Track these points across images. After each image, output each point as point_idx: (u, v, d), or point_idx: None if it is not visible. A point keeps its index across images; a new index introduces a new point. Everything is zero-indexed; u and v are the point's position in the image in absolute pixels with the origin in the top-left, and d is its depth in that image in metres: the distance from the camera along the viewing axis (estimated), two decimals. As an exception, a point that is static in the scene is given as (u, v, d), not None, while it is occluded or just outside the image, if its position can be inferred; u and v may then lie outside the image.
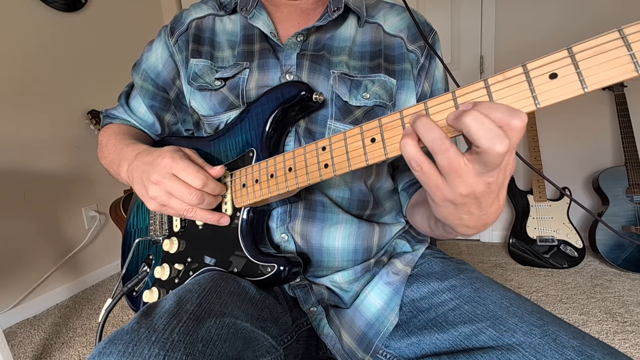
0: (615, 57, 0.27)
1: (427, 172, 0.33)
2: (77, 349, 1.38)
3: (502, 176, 0.32)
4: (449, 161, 0.31)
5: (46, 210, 1.74)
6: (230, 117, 0.57)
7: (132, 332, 0.33)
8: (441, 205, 0.36)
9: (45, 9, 1.75)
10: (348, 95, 0.54)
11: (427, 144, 0.31)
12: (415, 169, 0.33)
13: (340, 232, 0.54)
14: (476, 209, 0.35)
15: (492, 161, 0.29)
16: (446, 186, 0.33)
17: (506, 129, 0.28)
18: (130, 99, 0.69)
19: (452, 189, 0.33)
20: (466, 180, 0.31)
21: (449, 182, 0.32)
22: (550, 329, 0.40)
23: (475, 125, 0.28)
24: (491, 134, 0.28)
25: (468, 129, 0.28)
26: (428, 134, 0.31)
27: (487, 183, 0.32)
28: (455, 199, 0.33)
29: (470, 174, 0.31)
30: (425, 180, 0.34)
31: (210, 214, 0.49)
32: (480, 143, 0.28)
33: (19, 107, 1.64)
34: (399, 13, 0.61)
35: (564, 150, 2.03)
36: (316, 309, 0.55)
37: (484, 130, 0.28)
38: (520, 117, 0.28)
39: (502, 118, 0.28)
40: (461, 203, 0.34)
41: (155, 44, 0.66)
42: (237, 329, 0.38)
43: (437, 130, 0.31)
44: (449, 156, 0.30)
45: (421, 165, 0.32)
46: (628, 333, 1.27)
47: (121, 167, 0.57)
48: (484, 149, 0.28)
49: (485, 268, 1.87)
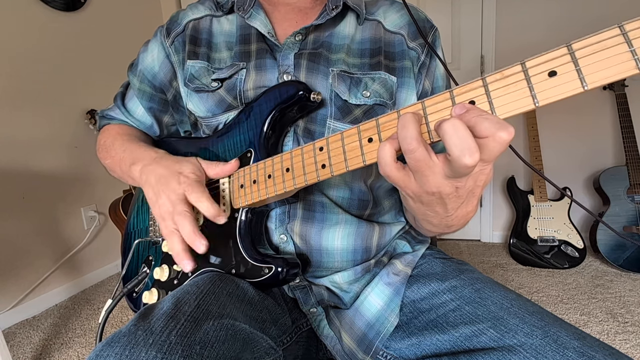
0: (615, 53, 0.26)
1: (394, 179, 0.35)
2: (76, 349, 1.37)
3: (471, 183, 0.34)
4: (416, 161, 0.32)
5: (45, 210, 1.74)
6: (228, 118, 0.57)
7: (129, 335, 0.32)
8: (408, 198, 0.38)
9: (44, 8, 1.75)
10: (347, 94, 0.54)
11: (399, 140, 0.32)
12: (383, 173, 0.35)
13: (339, 232, 0.54)
14: (441, 209, 0.37)
15: (460, 171, 0.30)
16: (414, 183, 0.34)
17: (491, 140, 0.28)
18: (127, 100, 0.68)
19: (419, 186, 0.34)
20: (433, 180, 0.33)
21: (417, 180, 0.34)
22: (551, 330, 0.40)
23: (450, 133, 0.29)
24: (463, 145, 0.28)
25: (444, 136, 0.29)
26: (401, 131, 0.32)
27: (455, 187, 0.33)
28: (421, 195, 0.35)
29: (438, 175, 0.32)
30: (394, 183, 0.36)
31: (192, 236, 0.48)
32: (451, 151, 0.29)
33: (18, 107, 1.64)
34: (399, 9, 0.60)
35: (564, 150, 2.03)
36: (316, 310, 0.55)
37: (457, 139, 0.28)
38: (508, 130, 0.28)
39: (489, 128, 0.28)
40: (427, 201, 0.36)
41: (151, 44, 0.65)
42: (235, 331, 0.38)
43: (411, 130, 0.31)
44: (415, 157, 0.31)
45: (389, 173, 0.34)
46: (629, 334, 1.27)
47: (133, 167, 0.56)
48: (453, 158, 0.29)
49: (486, 268, 1.87)
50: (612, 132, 1.93)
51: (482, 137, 0.29)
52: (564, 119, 2.00)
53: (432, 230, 0.49)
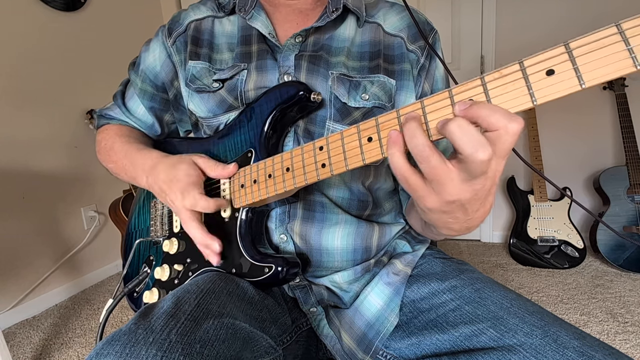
0: (613, 52, 0.26)
1: (412, 184, 0.33)
2: (76, 349, 1.37)
3: (489, 183, 0.33)
4: (432, 169, 0.31)
5: (45, 210, 1.74)
6: (229, 118, 0.57)
7: (129, 333, 0.33)
8: (428, 212, 0.37)
9: (44, 8, 1.75)
10: (347, 97, 0.54)
11: (411, 151, 0.31)
12: (401, 181, 0.34)
13: (339, 232, 0.54)
14: (462, 214, 0.36)
15: (476, 169, 0.29)
16: (432, 194, 0.33)
17: (503, 132, 0.28)
18: (127, 99, 0.68)
19: (438, 196, 0.33)
20: (452, 187, 0.32)
21: (435, 189, 0.33)
22: (551, 330, 0.40)
23: (459, 132, 0.28)
24: (474, 141, 0.28)
25: (451, 136, 0.29)
26: (411, 140, 0.31)
27: (474, 190, 0.32)
28: (441, 206, 0.34)
29: (455, 181, 0.31)
30: (411, 191, 0.34)
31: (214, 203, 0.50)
32: (463, 150, 0.29)
33: (18, 107, 1.64)
34: (399, 12, 0.60)
35: (564, 150, 2.03)
36: (316, 310, 0.55)
37: (467, 137, 0.28)
38: (518, 121, 0.28)
39: (499, 120, 0.28)
40: (448, 210, 0.35)
41: (153, 44, 0.65)
42: (235, 330, 0.38)
43: (421, 137, 0.31)
44: (432, 165, 0.31)
45: (407, 178, 0.33)
46: (629, 334, 1.27)
47: (139, 176, 0.58)
48: (466, 156, 0.29)
49: (486, 268, 1.87)
50: (612, 132, 1.93)
51: (493, 130, 0.29)
52: (564, 119, 2.00)
53: (450, 234, 0.46)
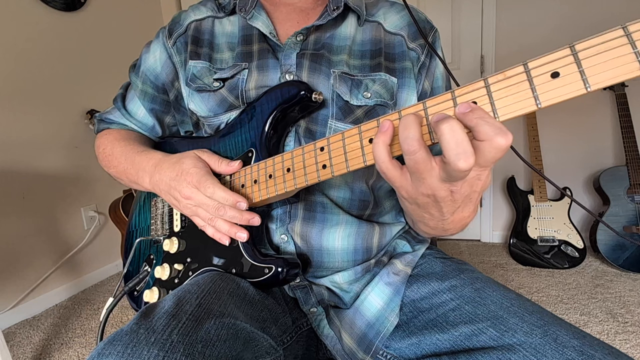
0: (619, 55, 0.26)
1: (390, 177, 0.35)
2: (77, 349, 1.37)
3: (467, 188, 0.34)
4: (416, 163, 0.32)
5: (45, 210, 1.74)
6: (230, 118, 0.57)
7: (131, 333, 0.33)
8: (404, 200, 0.39)
9: (44, 8, 1.75)
10: (349, 95, 0.54)
11: (401, 143, 0.32)
12: (380, 171, 0.35)
13: (340, 233, 0.54)
14: (437, 212, 0.37)
15: (454, 174, 0.30)
16: (410, 185, 0.35)
17: (487, 144, 0.28)
18: (127, 102, 0.68)
19: (414, 187, 0.34)
20: (430, 182, 0.33)
21: (413, 181, 0.34)
22: (551, 329, 0.40)
23: (448, 135, 0.29)
24: (459, 148, 0.28)
25: (440, 137, 0.29)
26: (403, 131, 0.31)
27: (450, 191, 0.33)
28: (417, 197, 0.35)
29: (434, 177, 0.32)
30: (389, 181, 0.36)
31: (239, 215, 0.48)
32: (447, 154, 0.29)
33: (18, 107, 1.64)
34: (399, 11, 0.60)
35: (564, 150, 2.03)
36: (316, 310, 0.55)
37: (453, 142, 0.28)
38: (506, 136, 0.28)
39: (487, 132, 0.28)
40: (422, 203, 0.37)
41: (153, 45, 0.65)
42: (236, 330, 0.38)
43: (413, 130, 0.31)
44: (416, 158, 0.31)
45: (385, 171, 0.35)
46: (629, 333, 1.27)
47: (141, 178, 0.58)
48: (448, 161, 0.29)
49: (486, 268, 1.87)
50: (612, 132, 1.93)
51: (480, 140, 0.29)
52: (564, 118, 2.00)
53: (429, 232, 0.50)
